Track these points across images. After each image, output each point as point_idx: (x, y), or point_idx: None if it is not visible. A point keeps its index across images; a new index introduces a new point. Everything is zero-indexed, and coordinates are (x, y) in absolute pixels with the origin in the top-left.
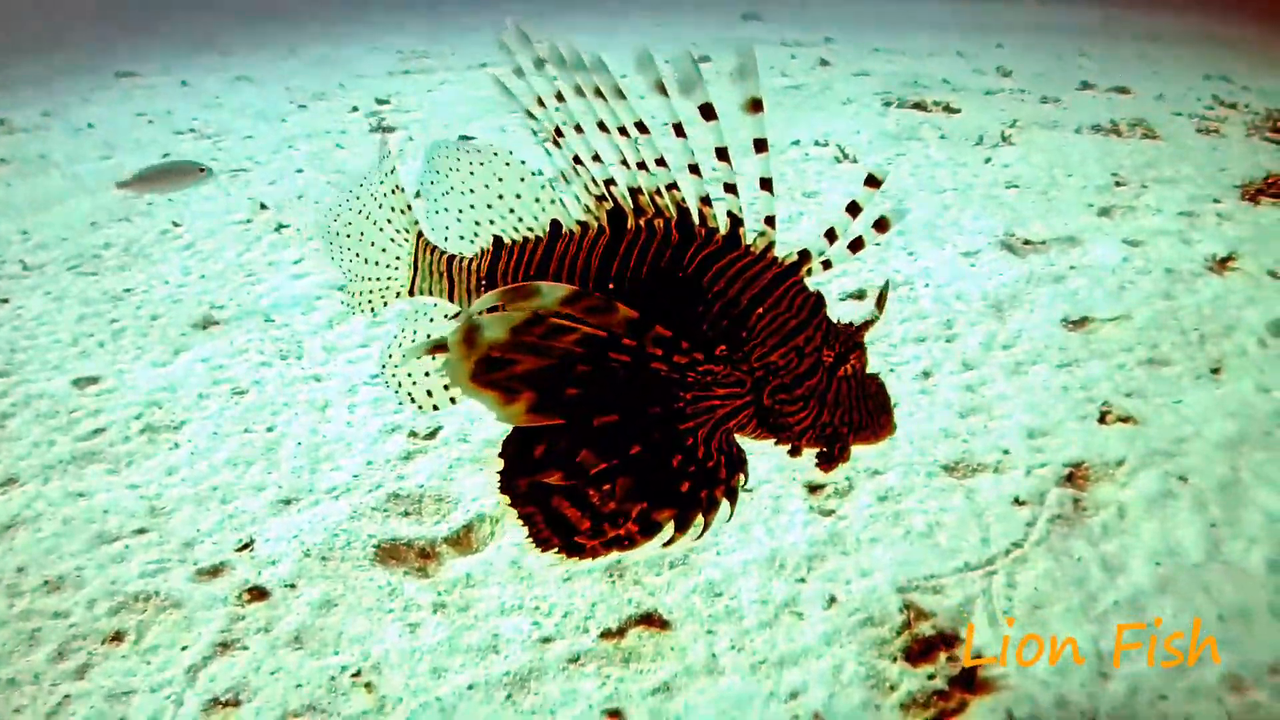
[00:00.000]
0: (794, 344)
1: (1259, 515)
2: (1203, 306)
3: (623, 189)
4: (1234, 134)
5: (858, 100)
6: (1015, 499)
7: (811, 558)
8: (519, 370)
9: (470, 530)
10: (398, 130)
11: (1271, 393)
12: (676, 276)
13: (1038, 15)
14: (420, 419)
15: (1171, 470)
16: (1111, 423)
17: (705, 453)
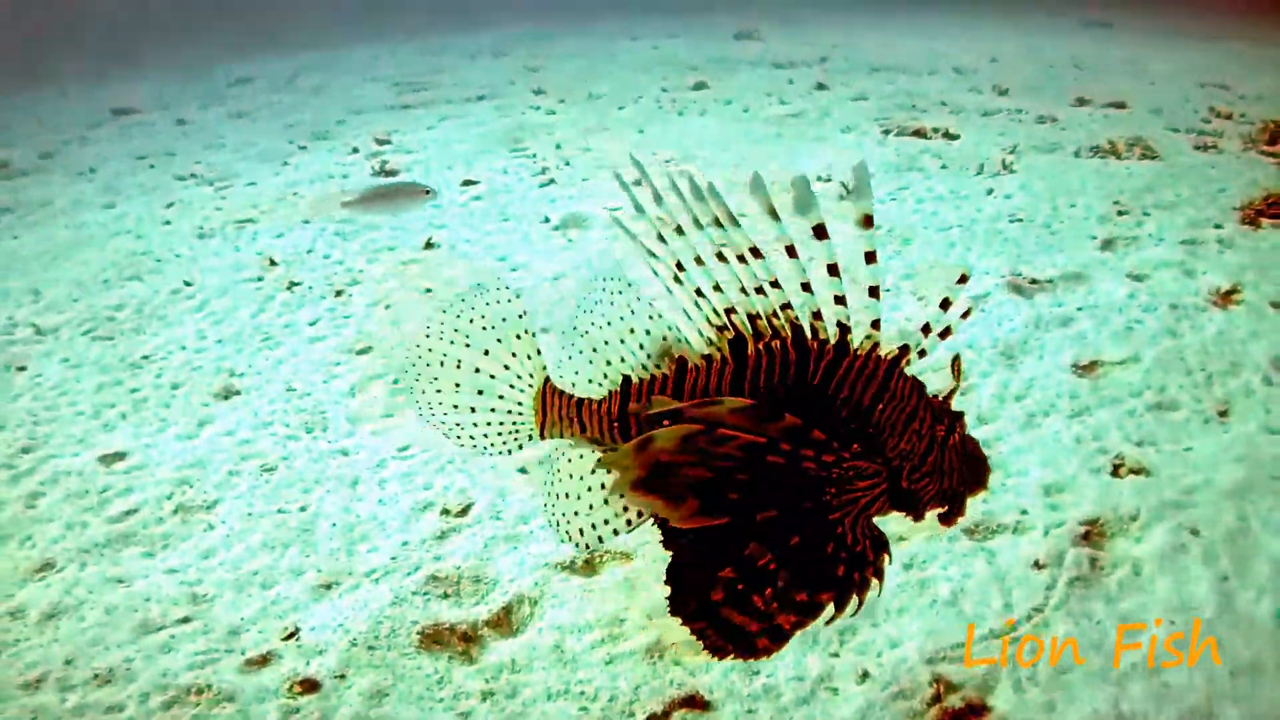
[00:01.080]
0: (913, 429)
1: (1267, 565)
2: (1208, 344)
3: (742, 316)
4: (1231, 148)
5: (857, 128)
6: (1035, 562)
7: (843, 630)
8: (683, 477)
9: (510, 611)
10: (400, 174)
11: (1277, 434)
12: (804, 388)
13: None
14: (453, 497)
15: (1183, 522)
16: (1124, 475)
17: (853, 539)
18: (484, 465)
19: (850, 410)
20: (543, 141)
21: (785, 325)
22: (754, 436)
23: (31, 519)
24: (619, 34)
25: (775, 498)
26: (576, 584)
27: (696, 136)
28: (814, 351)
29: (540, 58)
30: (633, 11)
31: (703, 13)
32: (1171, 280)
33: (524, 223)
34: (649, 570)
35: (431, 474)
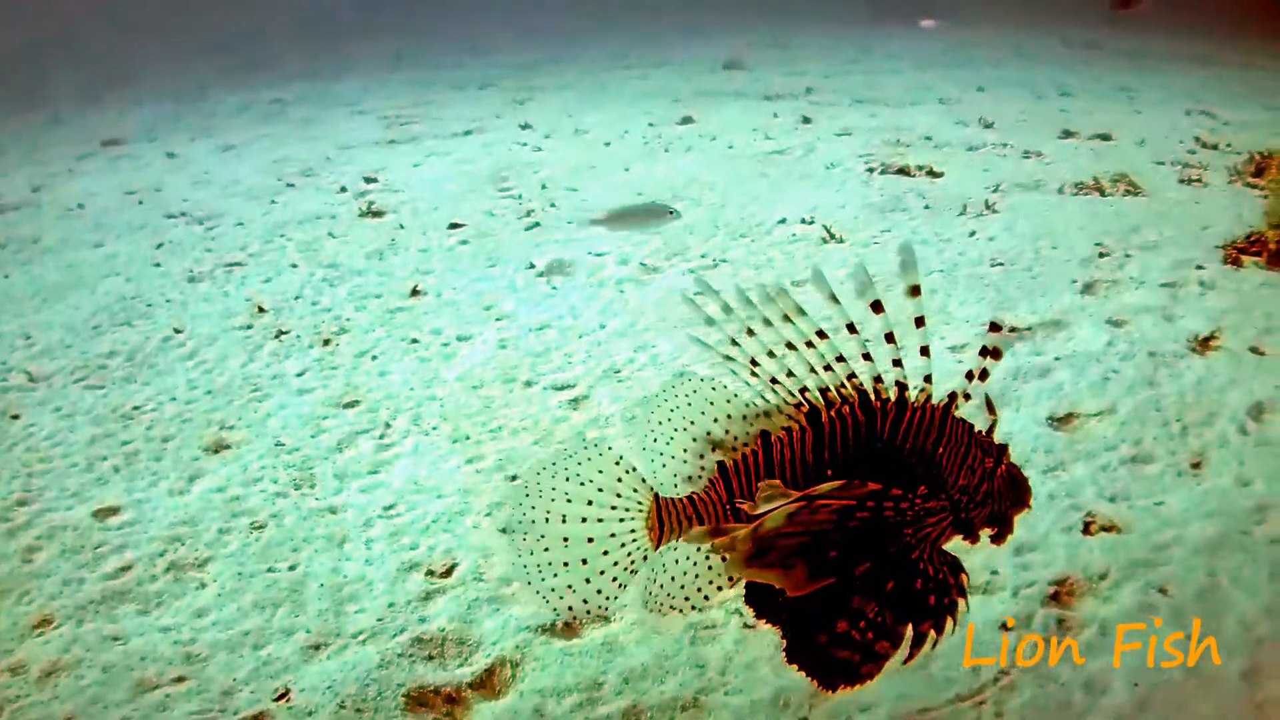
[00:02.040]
0: (968, 465)
1: (1235, 623)
2: (1185, 393)
3: (814, 392)
4: (1216, 181)
5: (841, 164)
6: (1003, 624)
7: (814, 695)
8: (784, 546)
9: (492, 674)
10: (387, 214)
11: (1251, 485)
12: (874, 443)
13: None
14: (438, 558)
15: (1152, 581)
16: (1095, 532)
17: (934, 569)
18: (468, 526)
19: (915, 456)
20: (529, 180)
21: (852, 392)
22: (844, 501)
23: (29, 574)
24: (609, 62)
25: (866, 549)
26: (557, 647)
27: (683, 176)
28: (878, 410)
29: (528, 89)
30: (623, 36)
31: (694, 37)
32: (1151, 326)
33: (509, 268)
34: (627, 634)
35: (417, 534)
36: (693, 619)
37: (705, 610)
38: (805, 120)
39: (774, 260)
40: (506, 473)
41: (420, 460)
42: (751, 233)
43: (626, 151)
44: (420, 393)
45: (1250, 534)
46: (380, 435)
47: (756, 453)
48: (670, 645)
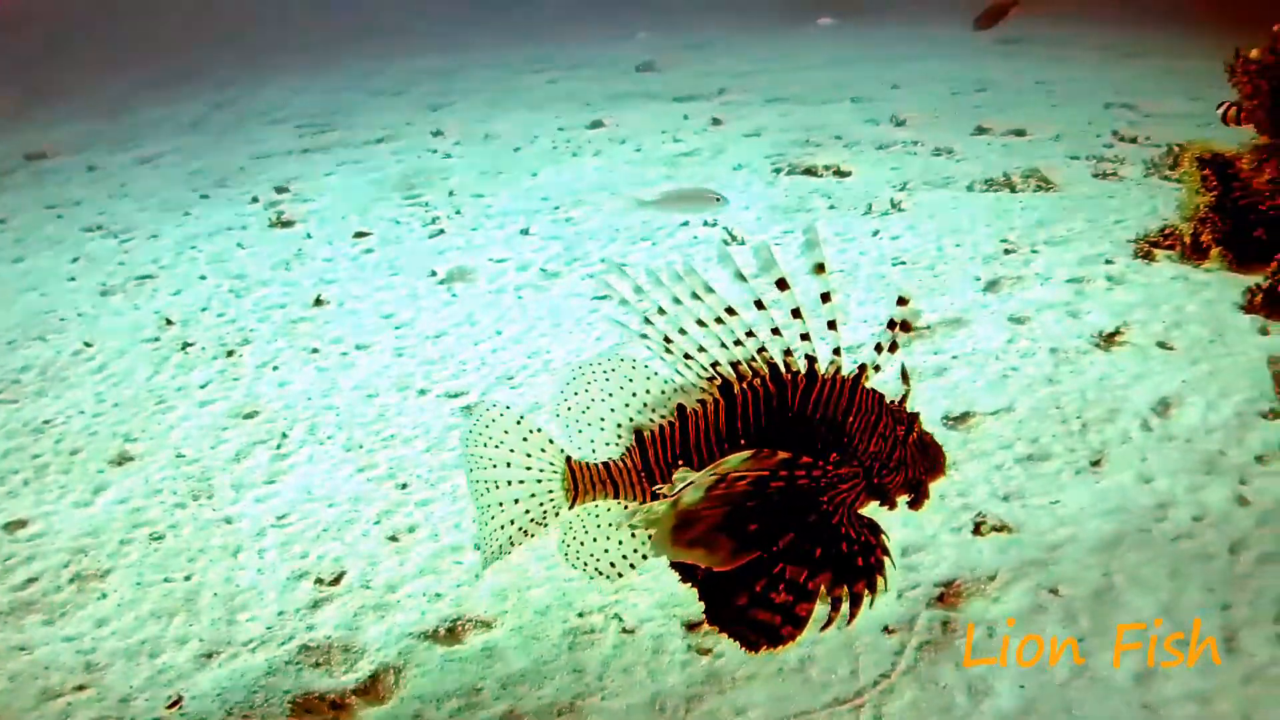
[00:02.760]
0: (879, 432)
1: (1130, 622)
2: (1087, 390)
3: (726, 367)
4: (1133, 175)
5: (749, 165)
6: (885, 627)
7: (690, 699)
8: (708, 522)
9: (377, 680)
10: (296, 224)
11: (1153, 482)
12: (785, 414)
13: (937, 39)
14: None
15: (1043, 582)
16: (986, 533)
17: (855, 532)
18: (357, 534)
19: (826, 425)
20: (437, 188)
21: (763, 365)
22: (757, 473)
23: None
24: (523, 67)
25: (787, 521)
26: (439, 653)
27: (589, 180)
28: (789, 382)
29: (442, 95)
30: (540, 42)
31: (610, 41)
32: (1055, 322)
33: (411, 276)
34: (507, 640)
35: (308, 542)
36: (572, 624)
37: (625, 578)
38: (715, 121)
39: (674, 263)
40: (397, 480)
41: (314, 469)
42: (653, 236)
43: (535, 157)
44: (318, 402)
45: (1150, 532)
46: (277, 445)
47: (673, 424)
48: (549, 650)
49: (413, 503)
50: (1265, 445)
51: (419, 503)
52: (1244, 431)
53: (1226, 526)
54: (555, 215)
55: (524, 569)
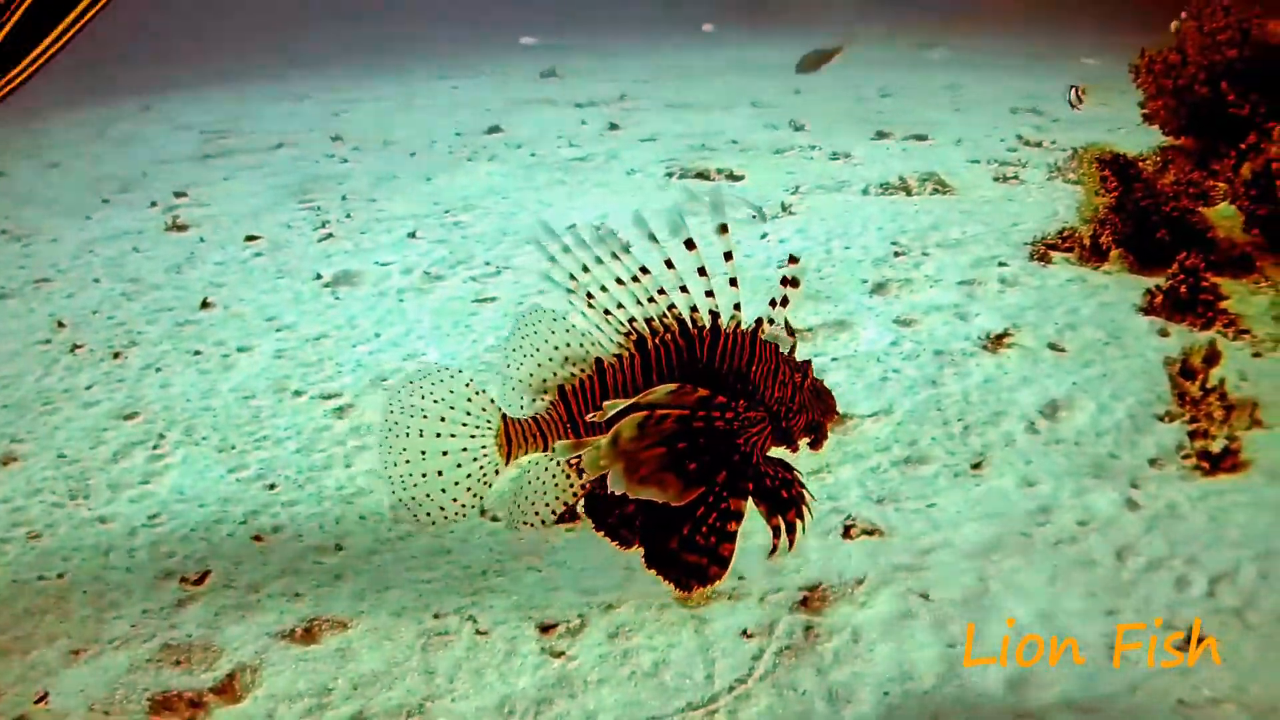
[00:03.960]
0: (779, 379)
1: (1003, 630)
2: (970, 392)
3: (641, 323)
4: (1034, 179)
5: (642, 170)
6: (743, 630)
7: (541, 702)
8: (653, 464)
9: (233, 679)
10: (191, 229)
11: (1036, 486)
12: (695, 366)
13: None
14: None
15: (914, 586)
16: (856, 536)
17: (773, 470)
18: (223, 535)
19: (732, 375)
20: (331, 193)
21: (673, 321)
22: (680, 410)
23: None
24: (427, 73)
25: (718, 460)
26: (294, 653)
27: (482, 185)
28: (696, 337)
29: (344, 102)
30: (444, 49)
31: (515, 48)
32: (941, 325)
33: (297, 280)
34: (360, 640)
35: (177, 542)
36: (427, 626)
37: (552, 521)
38: (612, 126)
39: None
40: (266, 481)
41: (187, 470)
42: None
43: (431, 162)
44: (196, 404)
45: (1030, 536)
46: (154, 446)
47: (592, 377)
48: (401, 652)
49: (279, 503)
50: (1159, 448)
51: (285, 503)
52: (1137, 434)
53: (1113, 531)
54: (445, 220)
55: (384, 570)
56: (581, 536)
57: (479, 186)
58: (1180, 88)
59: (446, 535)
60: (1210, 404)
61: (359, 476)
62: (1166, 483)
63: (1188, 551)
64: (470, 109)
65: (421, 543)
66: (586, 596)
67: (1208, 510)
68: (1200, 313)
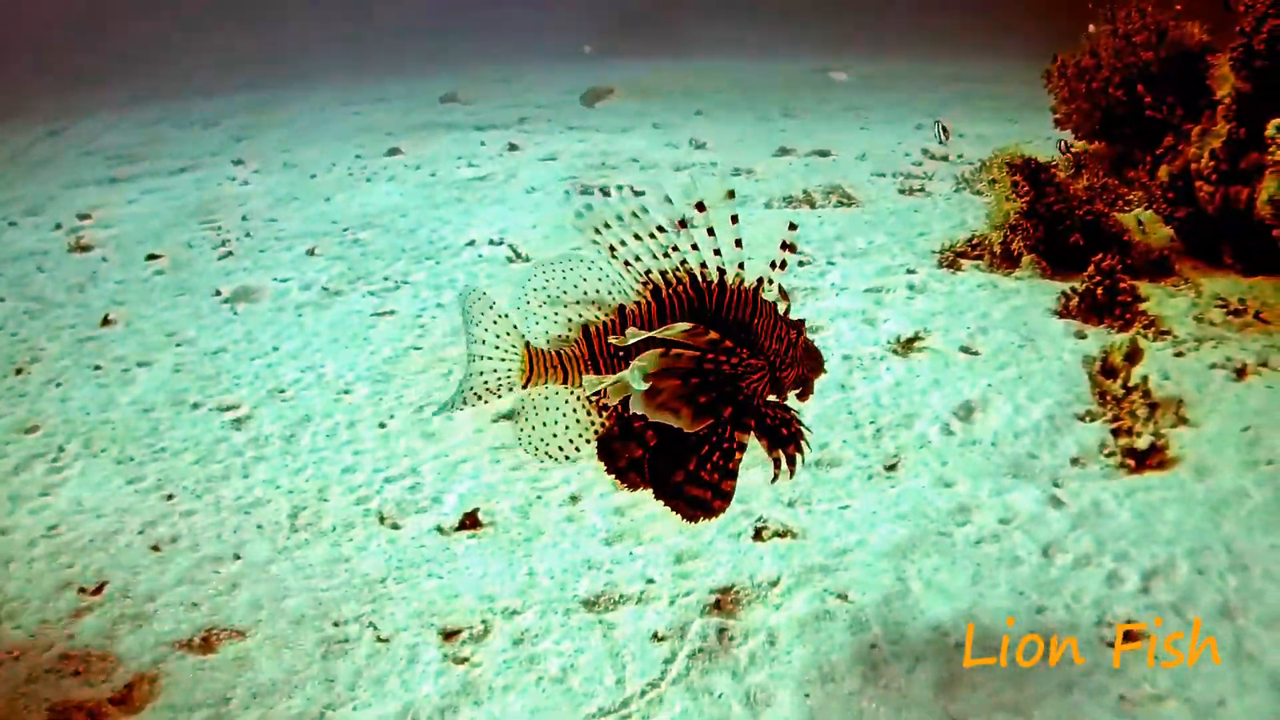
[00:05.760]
0: (777, 334)
1: (926, 629)
2: (881, 395)
3: (656, 275)
4: (941, 191)
5: (542, 188)
6: (654, 634)
7: (445, 710)
8: (670, 393)
9: (132, 689)
10: (95, 249)
11: (953, 486)
12: (703, 315)
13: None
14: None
15: (830, 587)
16: (768, 538)
17: (773, 410)
18: (120, 545)
19: (737, 326)
20: (232, 213)
21: (685, 274)
22: (694, 350)
23: None
24: (332, 99)
25: (727, 398)
26: (191, 662)
27: (381, 204)
28: (705, 289)
29: (249, 127)
30: (350, 75)
31: (421, 76)
32: (849, 330)
33: (197, 296)
34: (259, 650)
35: (75, 553)
36: (327, 633)
37: (575, 460)
38: (512, 148)
39: (456, 281)
40: (164, 492)
41: (86, 482)
42: (438, 255)
43: (331, 183)
44: (95, 417)
45: (950, 536)
46: (53, 459)
47: (613, 320)
48: (301, 660)
49: (177, 514)
50: (1081, 447)
51: (183, 513)
52: (1057, 434)
53: (1038, 529)
54: (344, 237)
55: (282, 579)
56: (482, 543)
57: (378, 205)
58: (1093, 91)
59: (345, 543)
60: (1134, 402)
61: (256, 486)
62: (1090, 481)
63: (1117, 548)
64: (371, 133)
65: (319, 551)
66: (489, 602)
67: (1136, 507)
68: (1118, 314)
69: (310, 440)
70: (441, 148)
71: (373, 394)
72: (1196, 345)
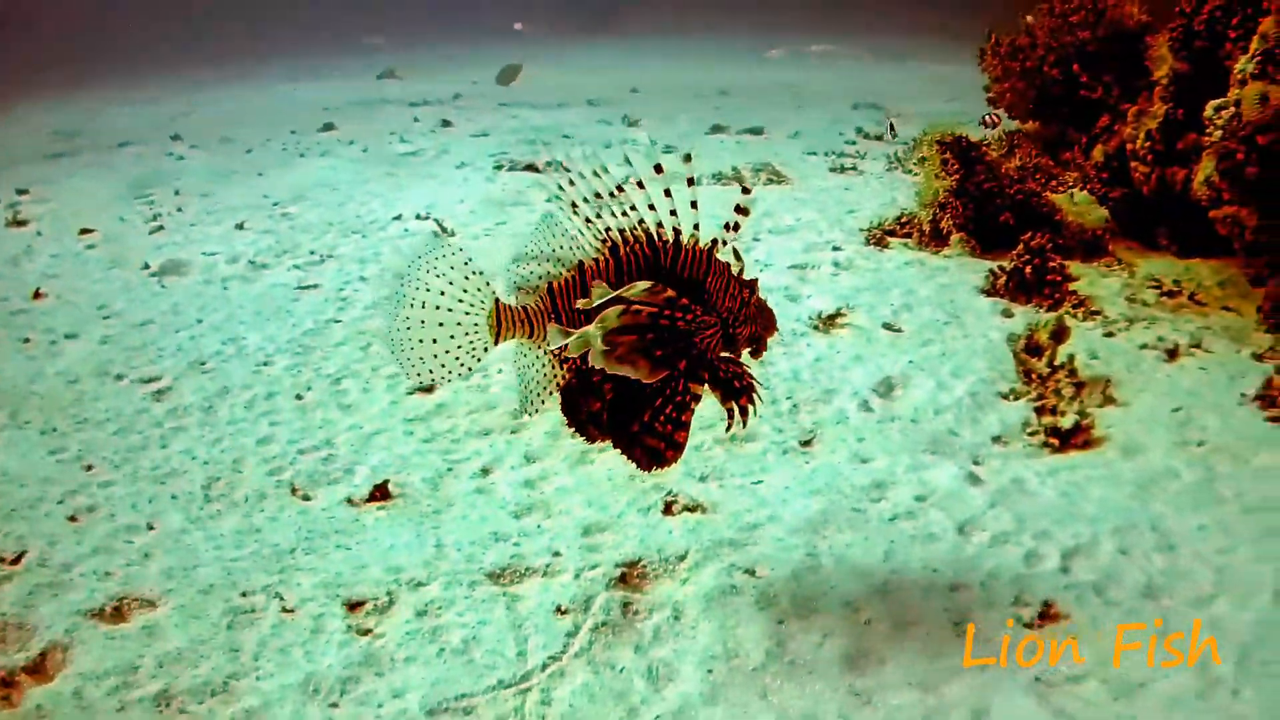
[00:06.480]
0: (730, 292)
1: (836, 605)
2: (800, 371)
3: (615, 233)
4: (874, 170)
5: (472, 164)
6: (557, 607)
7: (347, 680)
8: (627, 346)
9: (46, 658)
10: (30, 223)
11: (870, 462)
12: (659, 272)
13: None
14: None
15: (739, 562)
16: (677, 513)
17: (725, 364)
18: (41, 514)
19: (691, 283)
20: (166, 188)
21: (642, 233)
22: (651, 307)
23: None
24: (272, 78)
25: (680, 351)
26: (103, 631)
27: (312, 179)
28: (661, 248)
29: (190, 104)
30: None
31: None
32: (771, 306)
33: (128, 270)
34: (168, 619)
35: None
36: (234, 603)
37: (544, 408)
38: (445, 124)
39: (382, 254)
40: (84, 462)
41: (10, 453)
42: (365, 229)
43: (265, 158)
44: (23, 388)
45: (864, 512)
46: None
47: (575, 276)
48: (208, 630)
49: (95, 484)
50: (1004, 426)
51: (101, 484)
52: (979, 412)
53: (954, 506)
54: (273, 212)
55: (194, 549)
56: (391, 515)
57: (310, 180)
58: (1028, 70)
59: (257, 514)
60: (1059, 380)
61: (174, 457)
62: (1012, 459)
63: (1038, 526)
64: (308, 108)
65: (231, 522)
66: (395, 574)
67: (1059, 486)
68: (1047, 293)
69: (228, 411)
70: (375, 123)
71: (292, 366)
72: (1128, 325)
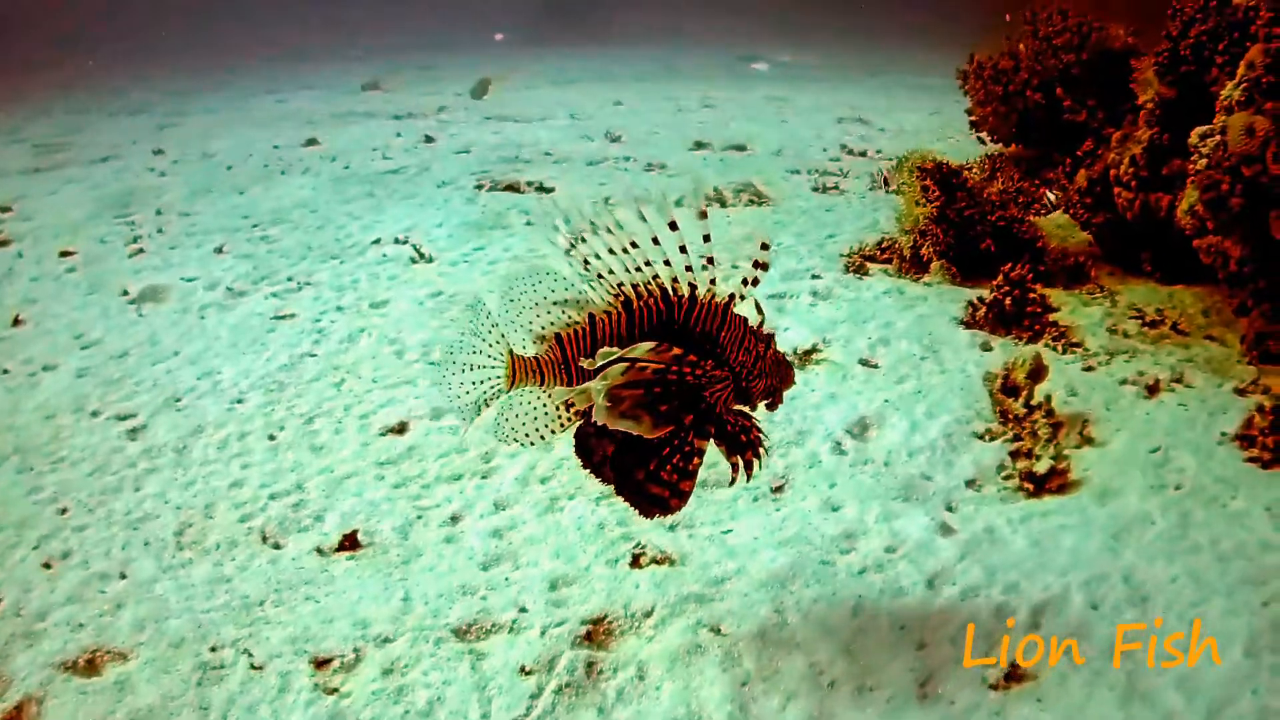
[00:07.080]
0: (745, 345)
1: (802, 666)
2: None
3: (628, 287)
4: (856, 188)
5: (453, 182)
6: (522, 667)
7: None
8: (631, 401)
9: (21, 709)
10: (11, 244)
11: (840, 510)
12: (672, 327)
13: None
14: None
15: (705, 619)
16: (645, 565)
17: (734, 419)
18: (16, 560)
19: (704, 338)
20: (147, 206)
21: (656, 288)
22: (659, 364)
23: None
24: (258, 89)
25: (687, 405)
26: (76, 684)
27: (292, 198)
28: (675, 302)
29: (174, 115)
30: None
31: (346, 63)
32: None
33: (106, 295)
34: (140, 673)
35: None
36: (204, 658)
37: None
38: (427, 139)
39: (359, 281)
40: (59, 505)
41: None
42: (343, 254)
43: (246, 175)
44: (4, 422)
45: (833, 564)
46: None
47: (585, 328)
48: (178, 685)
49: (70, 528)
50: (978, 468)
51: (75, 528)
52: (954, 454)
53: (925, 558)
54: (252, 234)
55: (165, 600)
56: (360, 564)
57: (289, 200)
58: (1011, 93)
59: (228, 562)
60: (1035, 421)
61: (147, 500)
62: (985, 505)
63: (1008, 579)
64: (292, 121)
65: (202, 571)
66: (362, 629)
67: (1030, 534)
68: (1027, 325)
69: (201, 452)
70: (358, 138)
71: (265, 403)
72: (1108, 359)
